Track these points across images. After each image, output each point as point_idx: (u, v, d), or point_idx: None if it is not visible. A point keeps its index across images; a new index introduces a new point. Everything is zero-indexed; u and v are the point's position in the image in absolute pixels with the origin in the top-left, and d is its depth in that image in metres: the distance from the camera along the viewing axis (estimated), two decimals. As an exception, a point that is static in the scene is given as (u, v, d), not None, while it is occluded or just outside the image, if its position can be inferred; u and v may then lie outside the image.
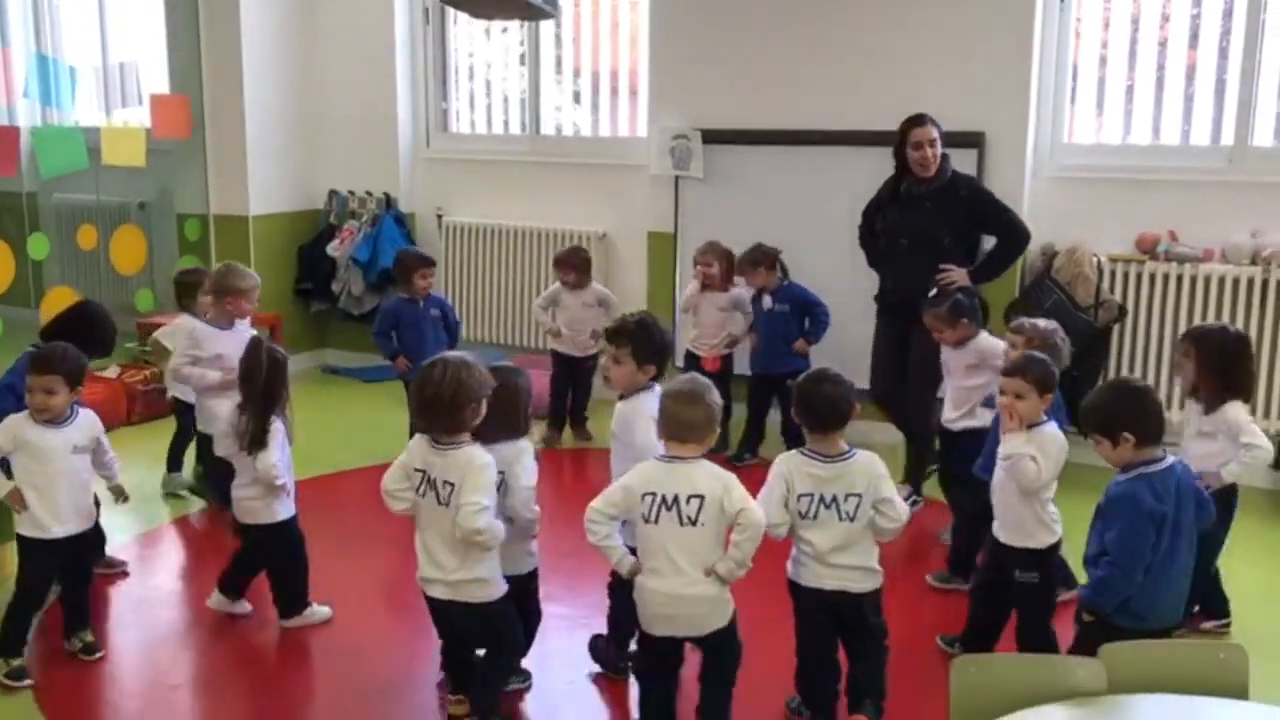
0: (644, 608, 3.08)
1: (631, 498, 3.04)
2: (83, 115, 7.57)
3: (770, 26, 6.16)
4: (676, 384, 3.15)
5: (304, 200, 7.77)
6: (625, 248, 6.92)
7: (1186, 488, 3.09)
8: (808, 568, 3.20)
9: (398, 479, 3.27)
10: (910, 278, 5.08)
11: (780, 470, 3.19)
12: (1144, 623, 3.02)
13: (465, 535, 3.11)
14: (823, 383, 3.21)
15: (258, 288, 4.97)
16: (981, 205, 5.10)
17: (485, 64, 7.63)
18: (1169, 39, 5.69)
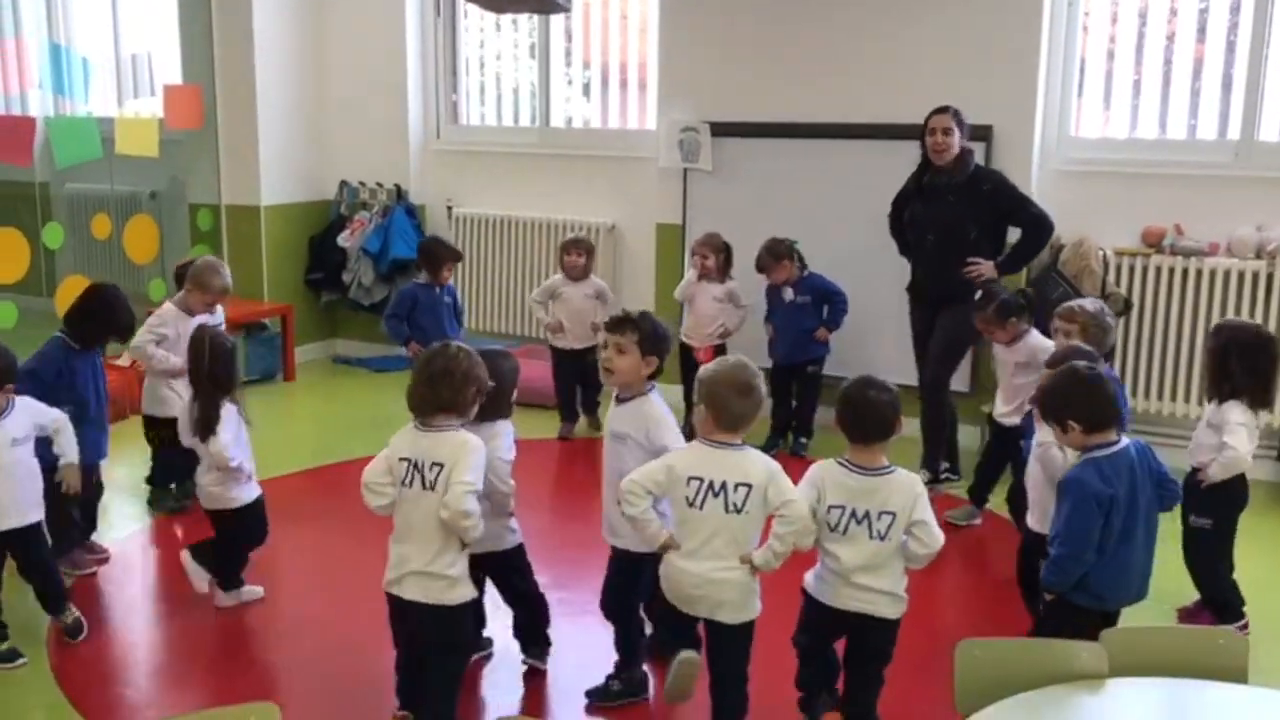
0: (671, 585, 3.08)
1: (675, 479, 3.01)
2: (96, 105, 7.62)
3: (779, 20, 6.19)
4: (729, 372, 3.08)
5: (315, 191, 7.81)
6: (634, 239, 6.96)
7: (1144, 469, 3.14)
8: (829, 585, 3.07)
9: (380, 472, 3.17)
10: (939, 272, 5.22)
11: (813, 476, 3.06)
12: (1103, 602, 3.10)
13: (453, 517, 3.03)
14: (869, 389, 3.06)
15: (228, 292, 5.07)
16: (1005, 198, 5.16)
17: (495, 56, 7.67)
18: (1176, 33, 5.72)
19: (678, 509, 3.04)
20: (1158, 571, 3.78)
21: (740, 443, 3.07)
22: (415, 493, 3.11)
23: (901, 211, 5.46)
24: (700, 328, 5.99)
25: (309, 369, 7.55)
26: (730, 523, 2.99)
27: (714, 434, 3.06)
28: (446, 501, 3.03)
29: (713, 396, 3.04)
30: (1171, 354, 5.56)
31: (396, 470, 3.14)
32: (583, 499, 5.55)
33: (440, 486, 3.06)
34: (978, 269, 5.10)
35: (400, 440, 3.17)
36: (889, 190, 5.84)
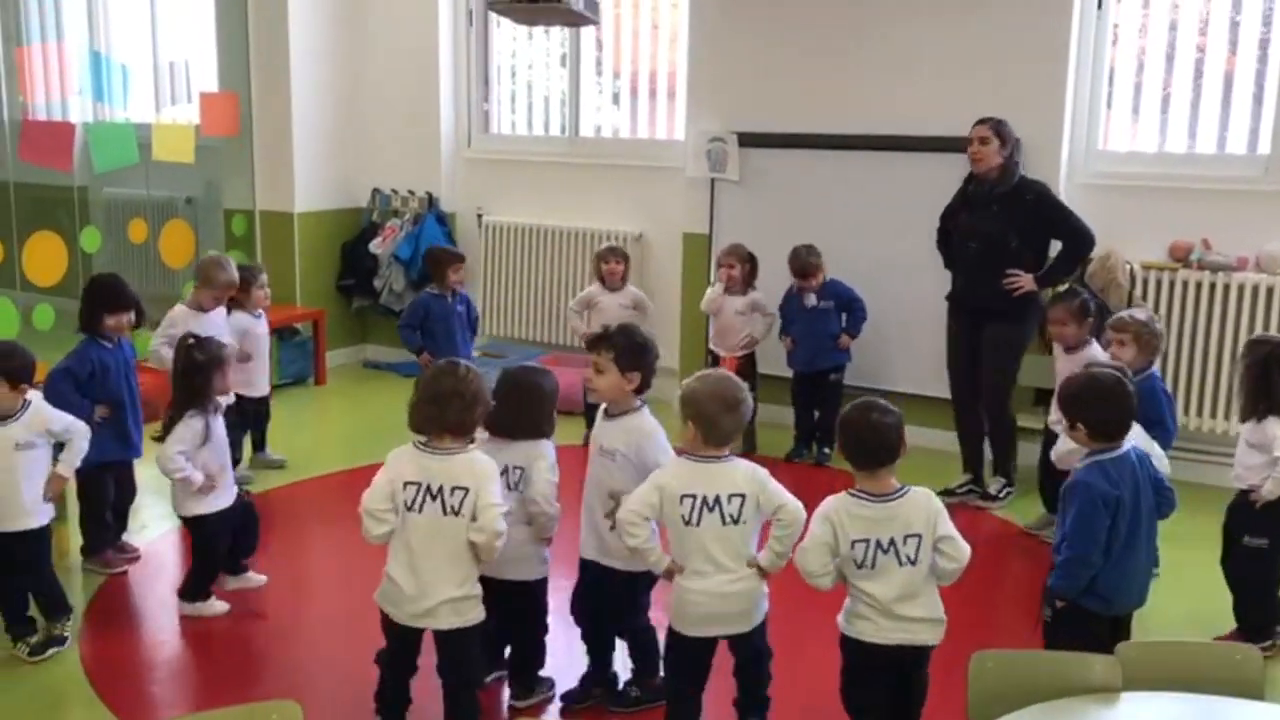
0: (685, 610, 3.04)
1: (668, 499, 2.99)
2: (134, 112, 7.73)
3: (807, 32, 6.22)
4: (715, 387, 3.05)
5: (348, 198, 7.90)
6: (661, 249, 7.00)
7: (1144, 475, 3.15)
8: (870, 622, 2.93)
9: (383, 497, 3.04)
10: (979, 280, 5.26)
11: (826, 513, 2.93)
12: (1110, 606, 3.11)
13: (488, 540, 2.99)
14: (870, 412, 2.96)
15: (234, 286, 5.15)
16: (1047, 209, 5.19)
17: (526, 65, 7.74)
18: (1207, 46, 5.70)
19: (674, 529, 3.01)
20: (1195, 597, 3.78)
21: (727, 454, 3.06)
22: (430, 518, 3.01)
23: (949, 225, 5.49)
24: (727, 338, 6.01)
25: (340, 373, 7.63)
26: (730, 535, 3.00)
27: (700, 449, 3.04)
28: (482, 525, 2.98)
29: (700, 413, 3.01)
30: (1198, 369, 5.54)
31: (400, 495, 3.03)
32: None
33: (467, 511, 3.00)
34: (1017, 281, 5.13)
35: (402, 463, 3.07)
36: (915, 202, 5.88)
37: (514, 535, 3.30)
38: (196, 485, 3.96)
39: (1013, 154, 5.25)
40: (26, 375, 3.74)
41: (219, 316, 5.18)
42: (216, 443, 4.04)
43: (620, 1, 7.24)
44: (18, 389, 3.70)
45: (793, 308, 5.90)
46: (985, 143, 5.17)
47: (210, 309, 5.11)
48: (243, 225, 7.57)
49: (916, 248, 5.70)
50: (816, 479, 5.57)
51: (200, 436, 3.96)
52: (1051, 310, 4.79)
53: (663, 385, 6.86)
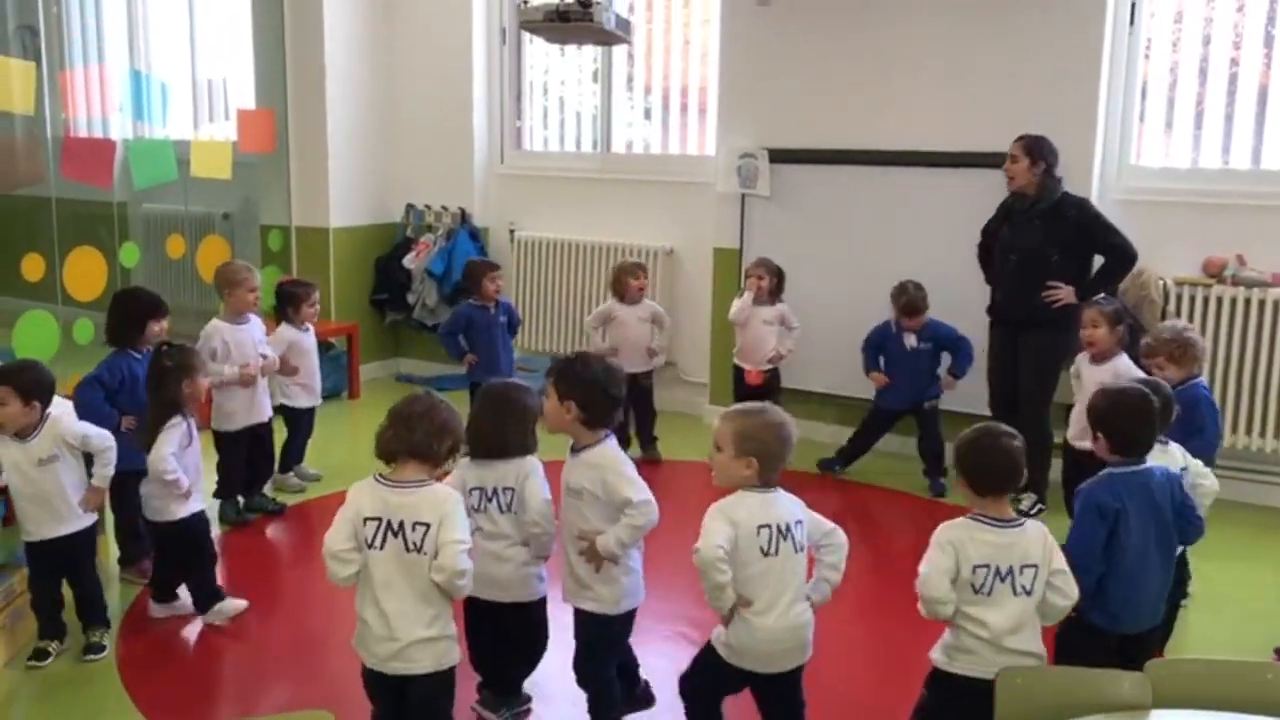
0: (753, 646, 2.93)
1: (745, 533, 2.87)
2: (173, 129, 7.85)
3: (838, 48, 6.24)
4: (771, 423, 2.97)
5: (382, 214, 7.99)
6: (691, 263, 7.03)
7: (1165, 496, 3.13)
8: (977, 655, 2.81)
9: (345, 537, 2.88)
10: (1019, 293, 5.31)
11: (949, 537, 2.84)
12: (1117, 623, 3.08)
13: (449, 579, 2.83)
14: (1000, 437, 2.90)
15: (250, 285, 5.19)
16: (1090, 224, 5.23)
17: (559, 81, 7.80)
18: (1241, 59, 5.67)
19: (748, 562, 2.89)
20: (1234, 615, 3.75)
21: (772, 485, 2.99)
22: (392, 555, 2.86)
23: (990, 241, 5.51)
24: (754, 351, 6.02)
25: (374, 387, 7.70)
26: (798, 563, 2.95)
27: (754, 482, 2.95)
28: (441, 564, 2.83)
29: (764, 451, 2.92)
30: (1232, 385, 5.50)
31: (362, 532, 2.88)
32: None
33: (429, 547, 2.85)
34: (1057, 293, 5.16)
35: (362, 498, 2.92)
36: (945, 217, 5.90)
37: (513, 557, 3.28)
38: (184, 488, 4.02)
39: (1050, 170, 5.25)
40: (41, 392, 3.79)
41: (257, 329, 5.25)
42: (195, 449, 4.11)
43: (652, 17, 7.29)
44: (30, 405, 3.76)
45: (892, 346, 5.73)
46: (1014, 161, 5.26)
47: (246, 313, 5.18)
48: (279, 240, 7.67)
49: (948, 263, 5.70)
50: (929, 513, 5.58)
51: (185, 439, 4.02)
52: (1085, 312, 4.80)
53: (693, 399, 7.00)
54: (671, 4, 7.24)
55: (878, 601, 4.43)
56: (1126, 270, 5.26)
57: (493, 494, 3.26)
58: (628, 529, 3.08)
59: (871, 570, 4.71)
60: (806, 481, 5.88)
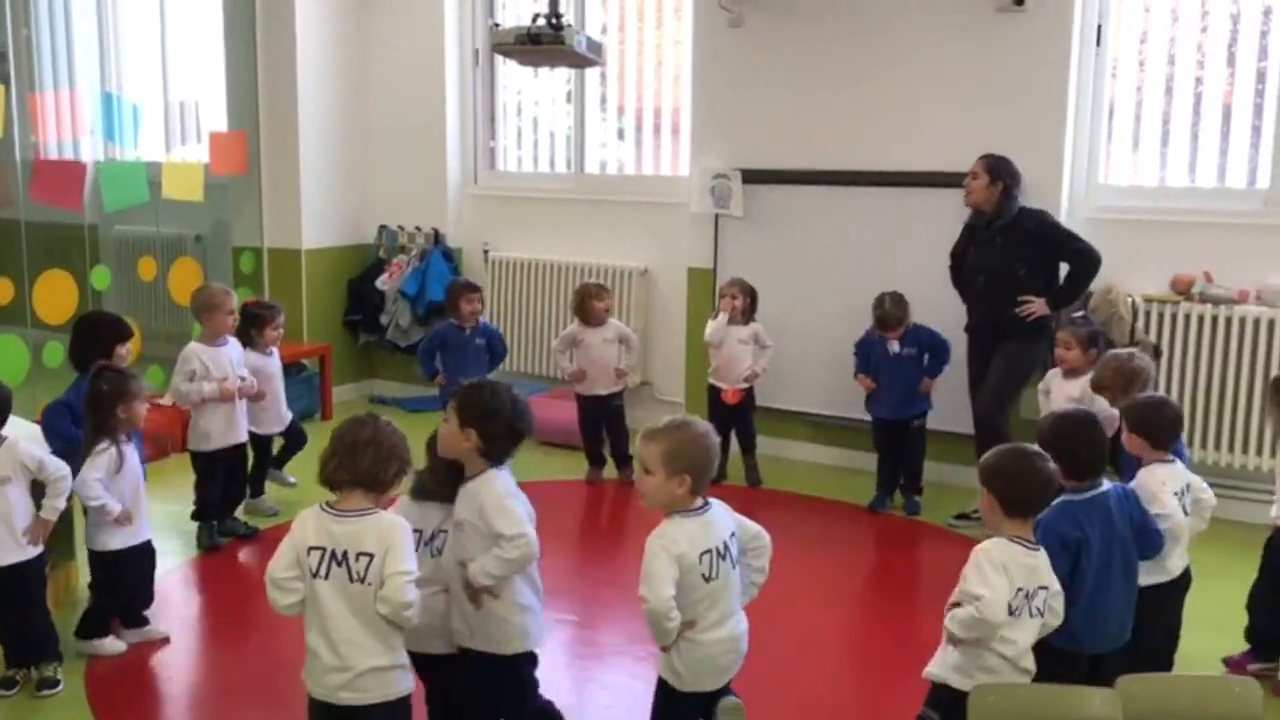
0: (705, 663, 2.90)
1: (688, 566, 2.82)
2: (145, 151, 7.82)
3: (810, 70, 6.29)
4: (698, 437, 2.89)
5: (355, 235, 7.98)
6: (665, 283, 7.06)
7: (1122, 515, 3.14)
8: (998, 675, 2.80)
9: (288, 565, 2.82)
10: (990, 312, 5.37)
11: (999, 559, 2.80)
12: (1080, 645, 3.08)
13: (394, 610, 2.76)
14: (1035, 458, 2.91)
15: (229, 308, 5.15)
16: (1049, 233, 5.30)
17: (533, 101, 7.82)
18: (1205, 79, 5.75)
19: (692, 589, 2.84)
20: (1200, 622, 3.78)
21: (706, 501, 2.93)
22: (337, 586, 2.79)
23: (959, 263, 5.57)
24: (730, 370, 6.04)
25: (347, 408, 7.65)
26: (734, 577, 2.94)
27: (689, 503, 2.89)
28: (386, 596, 2.76)
29: (694, 465, 2.85)
30: (1201, 401, 5.55)
31: (305, 562, 2.81)
32: (610, 542, 5.62)
33: (374, 578, 2.77)
34: (1030, 307, 5.22)
35: (306, 527, 2.85)
36: (917, 236, 5.95)
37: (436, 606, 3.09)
38: (114, 514, 3.95)
39: (1009, 190, 5.31)
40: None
41: (235, 350, 5.23)
42: (130, 474, 4.04)
43: (624, 39, 7.33)
44: None
45: (876, 353, 5.71)
46: (974, 177, 5.34)
47: (222, 334, 5.16)
48: (251, 262, 7.64)
49: (920, 281, 5.72)
50: (906, 530, 5.57)
51: (114, 465, 3.96)
52: (1059, 333, 4.86)
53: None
54: (644, 25, 7.28)
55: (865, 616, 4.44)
56: (1093, 272, 5.29)
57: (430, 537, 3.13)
58: (496, 560, 2.96)
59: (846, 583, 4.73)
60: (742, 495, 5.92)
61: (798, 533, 5.28)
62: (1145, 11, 5.83)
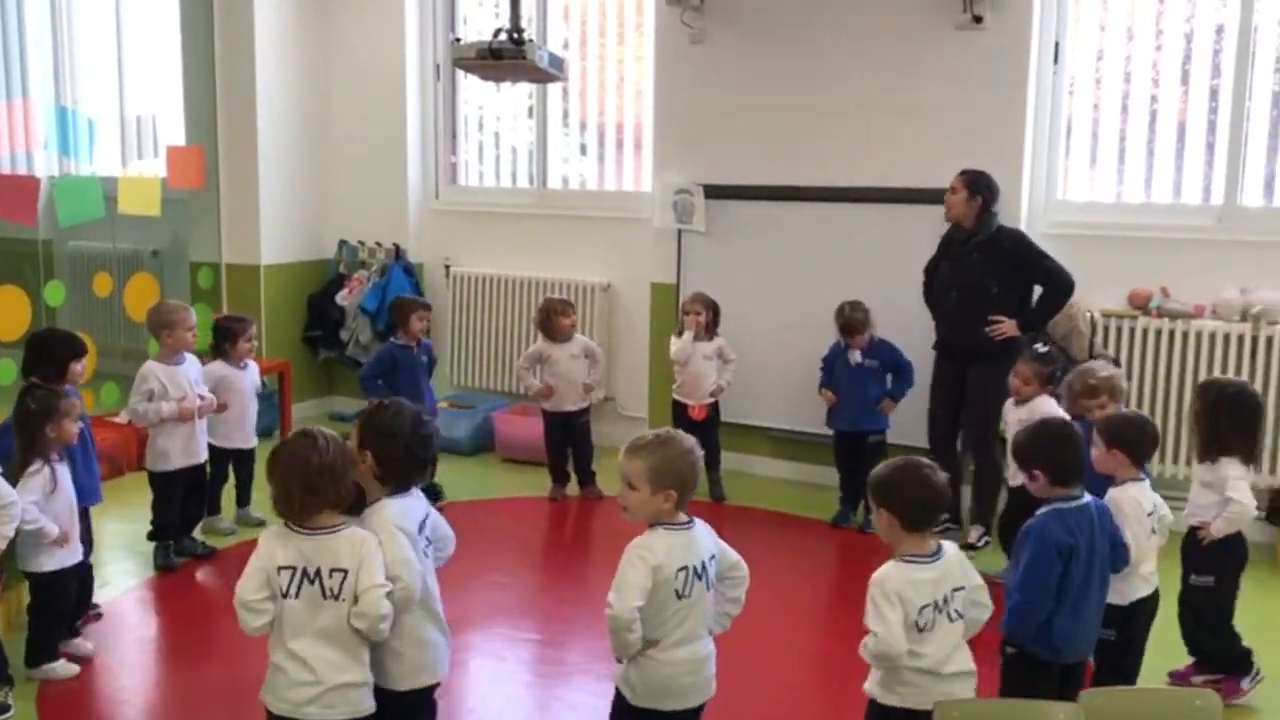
0: (667, 682, 2.85)
1: (663, 579, 2.78)
2: (101, 165, 7.74)
3: (771, 86, 6.31)
4: (681, 451, 2.86)
5: (314, 250, 7.91)
6: (628, 298, 7.05)
7: (1101, 528, 3.18)
8: (919, 687, 2.82)
9: (257, 587, 2.79)
10: (962, 327, 5.37)
11: (892, 589, 2.80)
12: (1059, 655, 3.10)
13: (371, 624, 2.77)
14: (923, 469, 2.90)
15: (188, 324, 5.08)
16: (1024, 254, 5.31)
17: (495, 116, 7.80)
18: (1160, 97, 5.82)
19: (662, 606, 2.81)
20: (1158, 642, 3.80)
21: (689, 519, 2.90)
22: (308, 603, 2.79)
23: (932, 279, 5.58)
24: (696, 386, 6.03)
25: (306, 425, 7.58)
26: (709, 600, 2.90)
27: (674, 517, 2.87)
28: (363, 610, 2.76)
29: (679, 480, 2.83)
30: (1159, 414, 5.60)
31: (276, 581, 2.80)
32: (574, 559, 5.59)
33: (348, 593, 2.78)
34: (1000, 328, 5.24)
35: (274, 547, 2.83)
36: (878, 252, 5.99)
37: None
38: (51, 536, 3.88)
39: (988, 205, 5.34)
40: None
41: (194, 368, 5.15)
42: (63, 494, 3.97)
43: (586, 54, 7.33)
44: None
45: (839, 363, 5.73)
46: (954, 192, 5.35)
47: (183, 351, 5.08)
48: (209, 278, 7.55)
49: (882, 297, 5.75)
50: (868, 546, 5.50)
51: (48, 486, 3.90)
52: (1018, 366, 4.83)
53: (632, 434, 6.93)
54: (606, 41, 7.29)
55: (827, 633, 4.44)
56: (1065, 298, 5.33)
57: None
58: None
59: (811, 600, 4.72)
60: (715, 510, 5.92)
61: (760, 548, 5.26)
62: (1101, 30, 5.91)
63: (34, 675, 3.94)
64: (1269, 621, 4.69)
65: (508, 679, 4.12)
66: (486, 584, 4.94)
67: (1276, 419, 5.40)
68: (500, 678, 4.13)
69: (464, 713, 3.82)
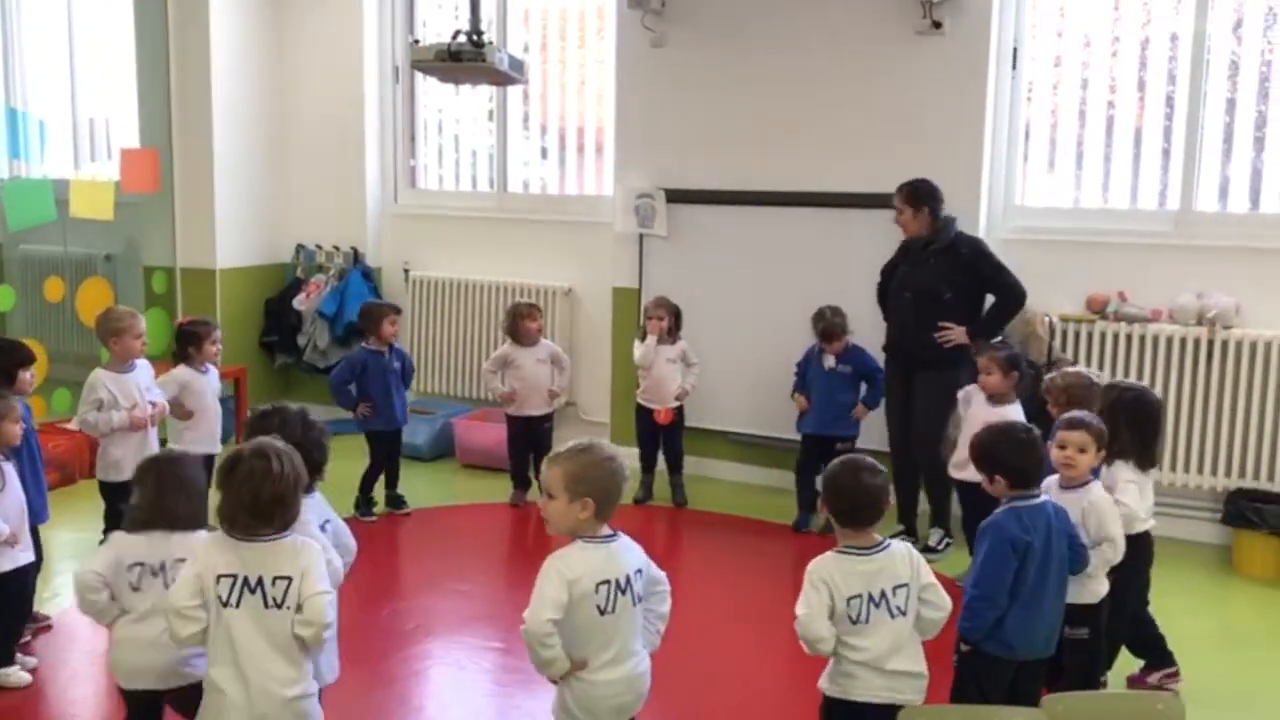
0: (599, 702, 2.81)
1: (581, 593, 2.74)
2: (52, 168, 7.61)
3: (732, 90, 6.31)
4: (600, 459, 2.81)
5: (271, 254, 7.82)
6: (590, 303, 7.02)
7: (1059, 527, 3.21)
8: (859, 679, 2.87)
9: (190, 594, 2.71)
10: (912, 330, 5.38)
11: (821, 575, 2.86)
12: (1013, 652, 3.13)
13: (316, 632, 2.72)
14: (861, 471, 2.96)
15: (136, 331, 4.96)
16: (979, 263, 5.32)
17: (454, 119, 7.75)
18: (1117, 103, 5.88)
19: (585, 622, 2.76)
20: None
21: (614, 532, 2.86)
22: (250, 613, 2.72)
23: (888, 280, 5.58)
24: (660, 390, 6.02)
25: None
26: (636, 615, 2.86)
27: (595, 529, 2.82)
28: (309, 618, 2.71)
29: (596, 488, 2.78)
30: (1117, 418, 5.65)
31: (212, 590, 2.72)
32: (535, 566, 5.52)
33: (291, 601, 2.73)
34: (948, 335, 5.25)
35: (212, 554, 2.76)
36: (839, 257, 6.00)
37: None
38: (3, 537, 3.80)
39: (936, 211, 5.35)
40: None
41: (144, 374, 5.05)
42: (12, 493, 3.89)
43: (547, 58, 7.30)
44: None
45: (812, 367, 5.71)
46: (900, 213, 5.38)
47: (133, 358, 4.98)
48: (163, 282, 7.44)
49: (843, 301, 5.74)
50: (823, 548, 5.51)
51: (7, 486, 3.83)
52: (979, 357, 4.89)
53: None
54: (566, 44, 7.26)
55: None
56: (1015, 309, 5.36)
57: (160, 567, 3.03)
58: None
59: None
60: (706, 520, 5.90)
61: (721, 552, 5.27)
62: (1059, 36, 5.96)
63: None
64: (1229, 624, 4.75)
65: (469, 688, 4.08)
66: (447, 591, 4.89)
67: (1232, 422, 5.48)
68: (461, 686, 4.09)
69: (424, 723, 3.78)
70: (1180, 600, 4.78)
